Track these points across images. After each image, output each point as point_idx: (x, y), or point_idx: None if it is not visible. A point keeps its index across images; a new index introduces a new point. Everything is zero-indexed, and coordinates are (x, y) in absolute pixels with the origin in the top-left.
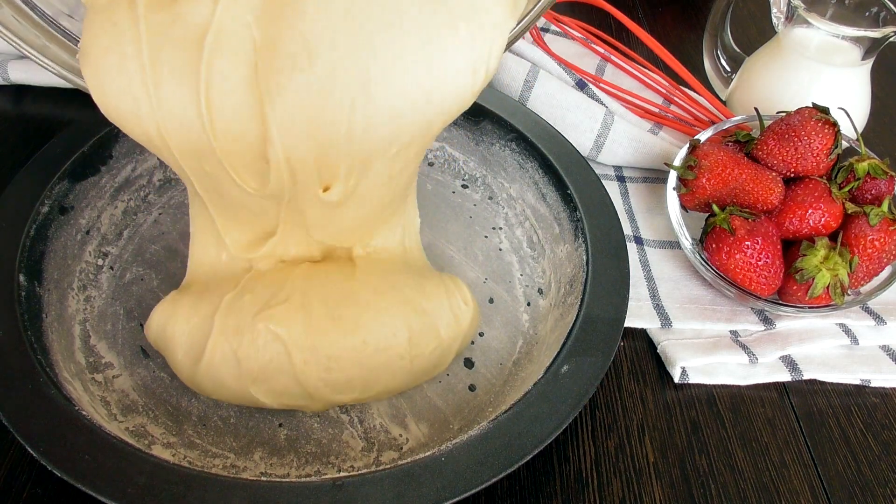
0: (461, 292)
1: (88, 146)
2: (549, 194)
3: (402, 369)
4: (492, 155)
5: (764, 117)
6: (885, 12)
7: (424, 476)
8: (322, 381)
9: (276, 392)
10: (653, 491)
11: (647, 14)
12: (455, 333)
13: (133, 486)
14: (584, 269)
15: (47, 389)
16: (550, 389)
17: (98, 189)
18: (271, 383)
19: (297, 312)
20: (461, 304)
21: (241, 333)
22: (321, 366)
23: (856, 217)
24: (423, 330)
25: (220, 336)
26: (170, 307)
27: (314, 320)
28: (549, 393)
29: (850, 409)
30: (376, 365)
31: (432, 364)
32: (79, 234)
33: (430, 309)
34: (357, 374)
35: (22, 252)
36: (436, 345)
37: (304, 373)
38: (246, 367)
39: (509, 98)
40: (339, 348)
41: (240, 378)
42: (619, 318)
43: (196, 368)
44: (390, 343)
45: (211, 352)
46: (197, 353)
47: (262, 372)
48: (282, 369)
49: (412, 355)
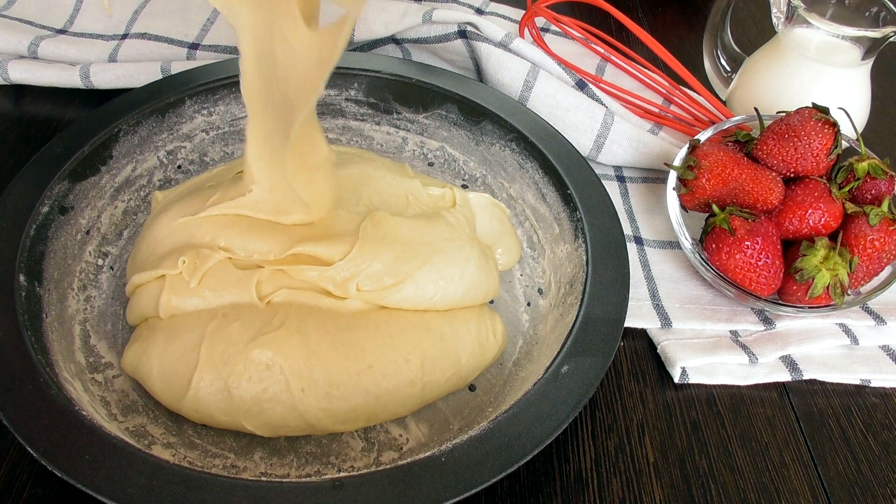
0: (493, 323)
1: (88, 146)
2: (549, 194)
3: (411, 397)
4: (492, 155)
5: (764, 117)
6: (885, 12)
7: (424, 476)
8: (323, 412)
9: (272, 424)
10: (653, 491)
11: (647, 14)
12: (477, 364)
13: (133, 486)
14: (584, 269)
15: (47, 389)
16: (550, 389)
17: (98, 189)
18: (267, 415)
19: (293, 337)
20: (490, 336)
21: (231, 363)
22: (321, 393)
23: (856, 217)
24: (440, 356)
25: (207, 366)
26: (141, 345)
27: (313, 344)
28: (549, 393)
29: (850, 409)
30: (382, 392)
31: (446, 391)
32: (79, 234)
33: (453, 335)
34: (361, 403)
35: (22, 252)
36: (453, 372)
37: (303, 402)
38: (238, 397)
39: (509, 98)
40: (341, 374)
41: (231, 411)
42: (619, 318)
43: (181, 403)
44: (400, 368)
45: (197, 383)
46: (181, 385)
47: (255, 403)
48: (278, 399)
49: (424, 382)
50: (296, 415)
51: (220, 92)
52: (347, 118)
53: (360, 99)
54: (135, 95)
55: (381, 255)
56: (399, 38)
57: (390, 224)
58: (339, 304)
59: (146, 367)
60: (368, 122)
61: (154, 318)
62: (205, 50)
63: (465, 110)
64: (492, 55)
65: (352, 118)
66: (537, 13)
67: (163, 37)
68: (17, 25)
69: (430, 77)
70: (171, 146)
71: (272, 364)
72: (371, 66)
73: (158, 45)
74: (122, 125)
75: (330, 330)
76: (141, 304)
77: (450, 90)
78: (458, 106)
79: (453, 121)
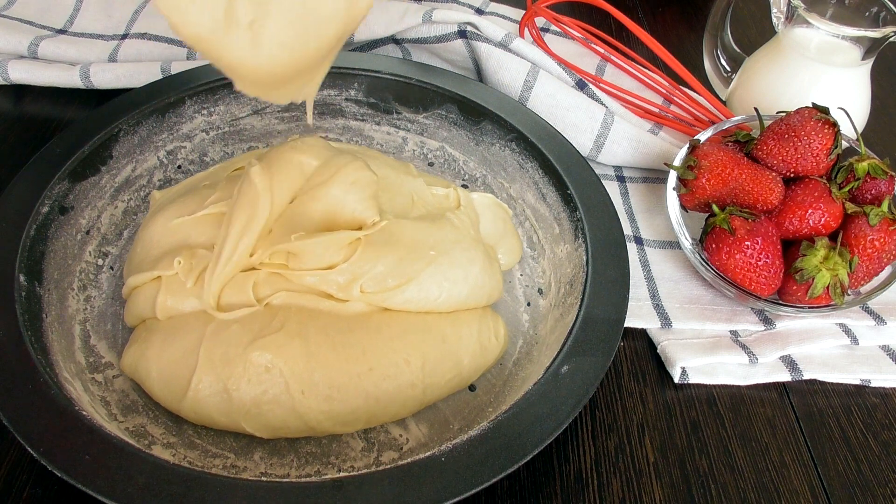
0: (495, 324)
1: (88, 146)
2: (549, 194)
3: (412, 399)
4: (492, 155)
5: (764, 117)
6: (885, 12)
7: (424, 476)
8: (323, 414)
9: (272, 426)
10: (653, 491)
11: (647, 14)
12: (478, 365)
13: (133, 486)
14: (584, 269)
15: (47, 389)
16: (550, 390)
17: (98, 189)
18: (266, 417)
19: (293, 339)
20: (492, 338)
21: (230, 364)
22: (321, 396)
23: (856, 217)
24: (441, 358)
25: (207, 368)
26: (139, 347)
27: (313, 347)
28: (549, 393)
29: (850, 409)
30: (383, 394)
31: (447, 393)
32: (79, 234)
33: (455, 337)
34: (361, 405)
35: (22, 252)
36: (454, 374)
37: (303, 404)
38: (237, 399)
39: (509, 98)
40: (341, 376)
41: (230, 413)
42: (619, 318)
43: (181, 404)
44: (401, 370)
45: (196, 385)
46: (180, 387)
47: (255, 405)
48: (278, 401)
49: (425, 384)
50: (296, 417)
51: (220, 92)
52: (347, 118)
53: (360, 99)
54: (135, 95)
55: (384, 257)
56: (399, 38)
57: (394, 226)
58: (339, 306)
59: (145, 369)
60: (368, 122)
61: (152, 319)
62: None
63: (465, 110)
64: (491, 55)
65: (352, 118)
66: (537, 13)
67: (163, 37)
68: (17, 25)
69: (430, 77)
70: (171, 146)
71: (272, 366)
72: (371, 66)
73: (158, 45)
74: (123, 125)
75: (330, 332)
76: (138, 305)
77: (450, 90)
78: (459, 106)
79: (453, 121)
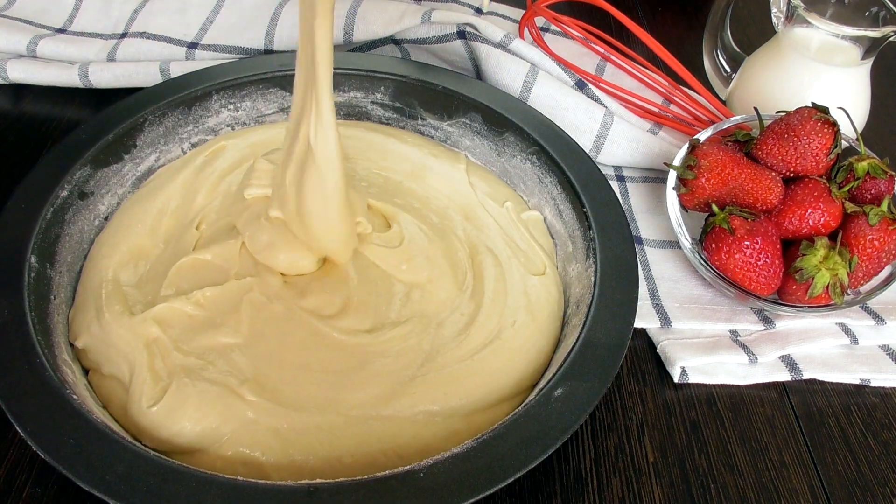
0: None
1: (113, 134)
2: (566, 211)
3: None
4: (513, 167)
5: (764, 117)
6: (884, 12)
7: (400, 489)
8: None
9: None
10: (652, 491)
11: (647, 14)
12: None
13: (112, 475)
14: (591, 290)
15: (42, 370)
16: (540, 413)
17: (120, 177)
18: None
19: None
20: None
21: None
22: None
23: (855, 217)
24: None
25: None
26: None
27: None
28: (539, 416)
29: (849, 408)
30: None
31: None
32: (97, 220)
33: None
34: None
35: (38, 234)
36: None
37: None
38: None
39: (534, 110)
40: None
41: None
42: (621, 343)
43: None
44: None
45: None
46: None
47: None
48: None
49: None
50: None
51: (247, 88)
52: (373, 121)
53: (385, 103)
54: (163, 87)
55: None
56: (398, 38)
57: None
58: None
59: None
60: (393, 126)
61: None
62: (203, 49)
63: (489, 120)
64: (491, 56)
65: (377, 122)
66: (537, 13)
67: (162, 36)
68: (16, 25)
69: (456, 84)
70: (196, 139)
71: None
72: (398, 70)
73: (157, 44)
74: (149, 115)
75: None
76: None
77: (474, 98)
78: (483, 115)
79: (477, 130)
